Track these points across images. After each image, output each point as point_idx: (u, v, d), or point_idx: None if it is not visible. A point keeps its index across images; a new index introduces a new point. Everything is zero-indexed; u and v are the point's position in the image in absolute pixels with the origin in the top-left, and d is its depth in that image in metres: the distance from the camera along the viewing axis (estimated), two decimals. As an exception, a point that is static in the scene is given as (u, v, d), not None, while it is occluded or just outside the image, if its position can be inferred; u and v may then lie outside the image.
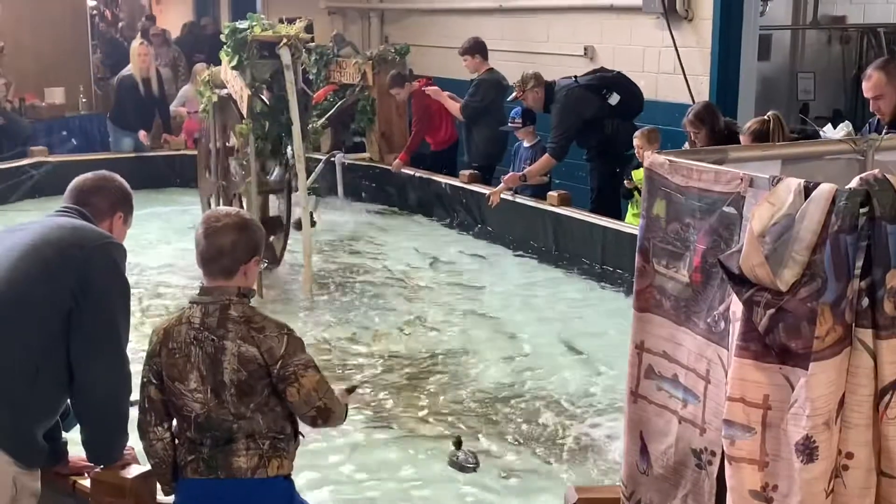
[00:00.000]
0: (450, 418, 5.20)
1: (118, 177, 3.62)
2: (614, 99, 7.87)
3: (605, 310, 6.60)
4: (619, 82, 7.99)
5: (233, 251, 3.04)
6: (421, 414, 5.28)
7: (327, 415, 3.08)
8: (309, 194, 7.21)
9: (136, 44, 11.32)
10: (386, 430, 5.11)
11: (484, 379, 5.67)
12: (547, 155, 7.91)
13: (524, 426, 5.08)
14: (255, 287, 3.27)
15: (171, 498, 3.23)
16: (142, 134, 10.71)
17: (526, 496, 4.38)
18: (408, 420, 5.22)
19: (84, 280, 3.16)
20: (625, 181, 7.32)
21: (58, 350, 3.14)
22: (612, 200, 7.92)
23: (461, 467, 4.56)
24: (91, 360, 3.16)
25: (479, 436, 4.95)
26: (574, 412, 5.20)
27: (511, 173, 8.20)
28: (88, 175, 3.55)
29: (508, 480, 4.54)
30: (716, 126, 6.28)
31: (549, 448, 4.84)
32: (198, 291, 3.12)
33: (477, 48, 9.25)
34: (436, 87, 9.45)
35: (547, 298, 7.08)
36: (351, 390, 3.59)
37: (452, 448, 4.67)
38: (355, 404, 4.41)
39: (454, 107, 9.16)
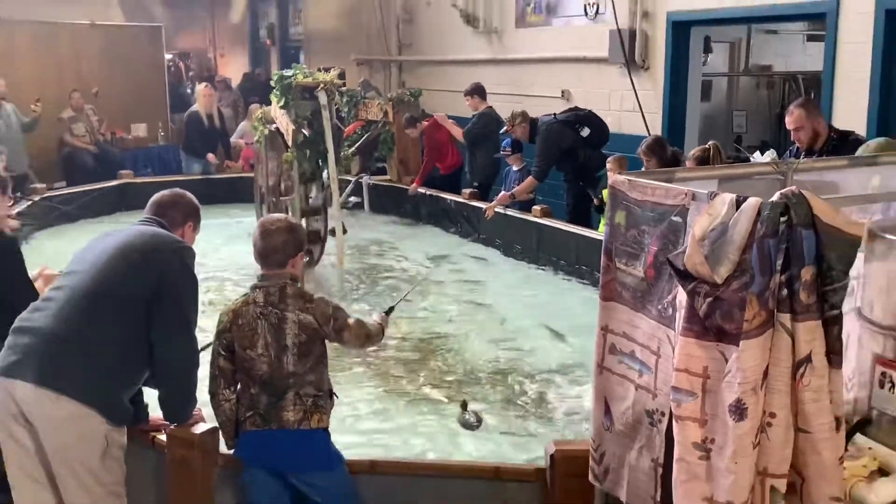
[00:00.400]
0: (453, 386, 5.19)
1: (189, 193, 3.65)
2: (586, 132, 7.87)
3: (579, 299, 6.58)
4: (590, 118, 7.98)
5: (284, 248, 3.20)
6: (429, 382, 5.26)
7: (369, 340, 3.40)
8: (341, 208, 7.24)
9: (201, 87, 11.37)
10: (400, 394, 5.09)
11: (481, 355, 5.66)
12: (531, 177, 7.91)
13: (514, 392, 5.07)
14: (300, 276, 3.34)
15: (231, 451, 3.26)
16: (210, 156, 10.73)
17: (516, 449, 4.36)
18: (419, 386, 5.21)
19: (162, 277, 3.19)
20: (595, 200, 7.35)
21: (141, 332, 3.16)
22: (584, 213, 7.91)
23: (467, 425, 4.53)
24: (167, 340, 3.18)
25: (477, 400, 4.94)
26: (554, 381, 5.19)
27: (502, 192, 8.20)
28: (165, 192, 3.59)
29: (502, 437, 4.53)
30: (664, 156, 6.27)
31: (535, 410, 4.83)
32: (258, 279, 3.22)
33: (477, 90, 9.30)
34: (443, 115, 9.48)
35: (532, 291, 7.07)
36: (389, 311, 3.86)
37: (459, 409, 4.63)
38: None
39: (458, 131, 9.17)
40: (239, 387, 3.19)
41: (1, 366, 3.08)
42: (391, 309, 3.94)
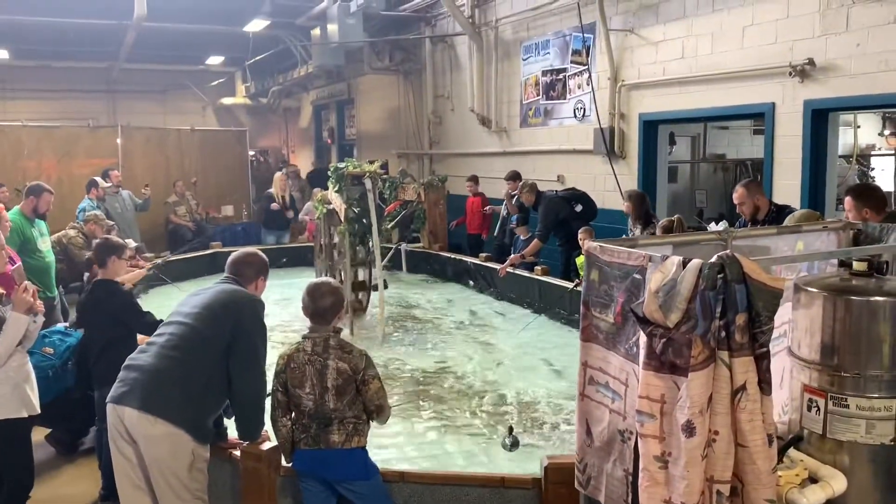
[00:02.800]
0: (469, 412, 5.13)
1: (259, 252, 3.66)
2: (579, 207, 7.95)
3: (570, 341, 6.54)
4: (584, 197, 8.08)
5: (331, 309, 3.18)
6: (448, 409, 5.21)
7: (380, 411, 3.18)
8: (383, 269, 7.30)
9: (278, 174, 11.60)
10: (427, 419, 5.05)
11: (494, 387, 5.61)
12: (536, 240, 7.94)
13: (522, 416, 5.02)
14: (343, 327, 3.32)
15: (289, 464, 3.26)
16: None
17: (519, 462, 4.29)
18: (441, 412, 5.17)
19: (237, 325, 3.23)
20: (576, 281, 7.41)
21: (222, 368, 3.19)
22: (574, 272, 7.89)
23: (505, 447, 4.29)
24: (242, 375, 3.21)
25: (492, 423, 4.89)
26: (554, 406, 5.16)
27: (513, 255, 8.22)
28: (240, 252, 3.62)
29: (510, 452, 4.47)
30: (640, 205, 6.68)
31: (537, 431, 4.77)
32: (308, 330, 3.20)
33: (516, 176, 9.14)
34: (490, 208, 9.66)
35: (535, 335, 7.04)
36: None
37: (506, 431, 4.42)
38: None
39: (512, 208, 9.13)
40: (294, 415, 3.19)
41: (115, 395, 3.15)
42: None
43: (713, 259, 2.05)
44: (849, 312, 2.31)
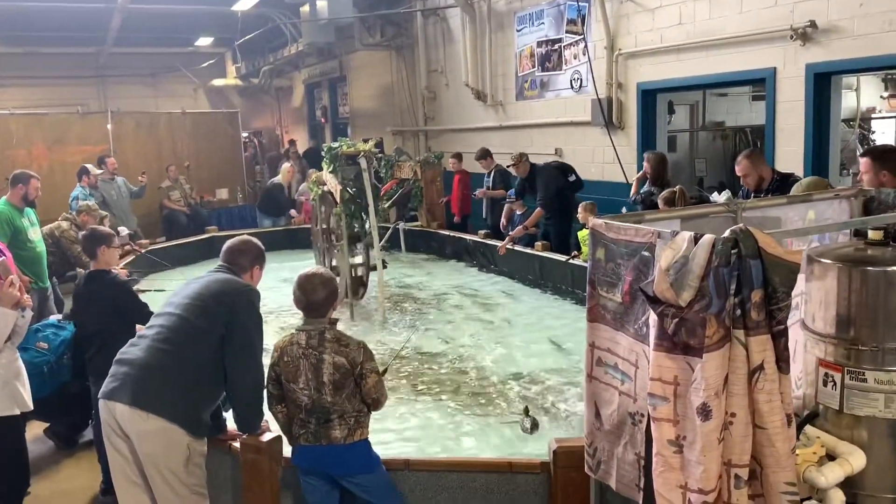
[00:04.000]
0: (467, 392, 5.05)
1: (254, 240, 3.53)
2: (572, 177, 8.00)
3: (575, 318, 6.47)
4: (573, 169, 8.11)
5: (325, 302, 3.07)
6: (452, 390, 5.13)
7: (376, 404, 3.08)
8: (382, 249, 7.21)
9: (287, 165, 11.56)
10: (430, 401, 4.96)
11: (498, 366, 5.53)
12: (539, 208, 7.88)
13: (528, 397, 4.93)
14: (340, 318, 3.23)
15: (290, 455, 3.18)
16: (293, 211, 10.85)
17: (529, 443, 4.24)
18: (439, 393, 5.09)
19: (232, 316, 3.12)
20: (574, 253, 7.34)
21: (217, 361, 3.10)
22: (565, 243, 7.93)
23: (524, 429, 4.30)
24: (238, 367, 3.12)
25: (497, 404, 4.82)
26: (560, 386, 5.07)
27: (518, 227, 8.11)
28: (235, 240, 3.48)
29: (517, 433, 4.40)
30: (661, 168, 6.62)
31: (546, 412, 4.68)
32: (302, 322, 3.09)
33: (488, 153, 9.29)
34: (483, 190, 9.49)
35: (537, 312, 6.96)
36: (382, 373, 3.54)
37: (522, 414, 4.42)
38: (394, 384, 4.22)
39: (499, 193, 9.11)
40: (289, 409, 3.10)
41: (105, 390, 3.07)
42: (384, 370, 3.73)
43: (726, 233, 1.95)
44: (865, 283, 2.23)
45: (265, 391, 3.16)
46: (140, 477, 3.04)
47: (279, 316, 6.97)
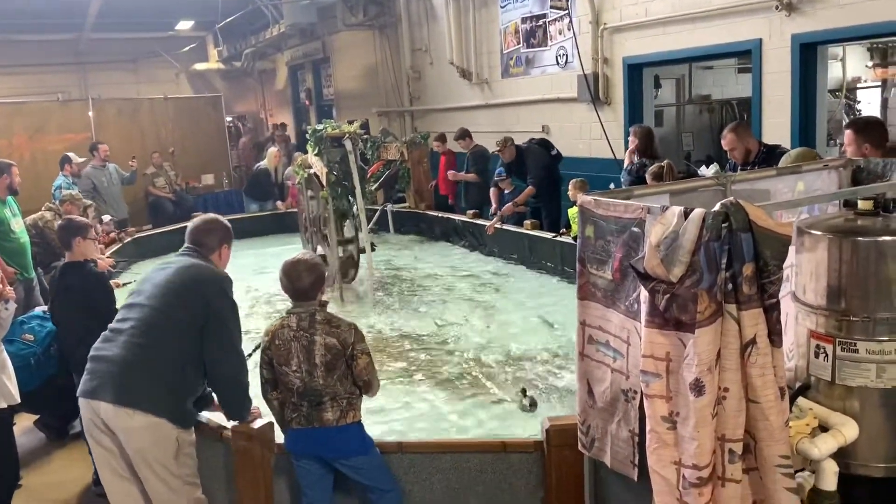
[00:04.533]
0: (459, 373, 5.03)
1: (221, 218, 3.39)
2: (554, 152, 8.02)
3: (565, 296, 6.46)
4: (551, 143, 8.14)
5: (312, 288, 3.03)
6: (444, 372, 5.12)
7: (368, 387, 3.05)
8: (370, 232, 7.16)
9: (274, 149, 11.45)
10: (413, 383, 4.95)
11: (491, 347, 5.52)
12: (530, 186, 7.85)
13: (518, 375, 4.92)
14: (329, 300, 3.19)
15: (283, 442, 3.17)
16: (279, 203, 10.77)
17: (523, 421, 4.23)
18: (429, 375, 5.07)
19: (206, 306, 3.04)
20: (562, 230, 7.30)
21: (195, 351, 3.04)
22: (555, 216, 7.92)
23: (524, 408, 4.29)
24: (218, 358, 3.07)
25: (490, 382, 4.81)
26: (552, 366, 5.05)
27: (507, 205, 8.07)
28: (200, 220, 3.34)
29: (511, 413, 4.39)
30: (647, 140, 6.58)
31: (541, 391, 4.65)
32: (293, 305, 3.06)
33: (467, 134, 9.24)
34: (453, 172, 9.41)
35: (527, 290, 6.95)
36: None
37: (520, 394, 4.40)
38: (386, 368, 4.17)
39: (472, 176, 9.07)
40: (281, 393, 3.08)
41: (86, 388, 3.00)
42: None
43: (716, 207, 1.93)
44: (855, 254, 2.22)
45: (260, 376, 3.12)
46: (128, 470, 3.01)
47: (269, 301, 6.93)
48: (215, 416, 3.34)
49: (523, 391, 4.42)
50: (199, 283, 3.10)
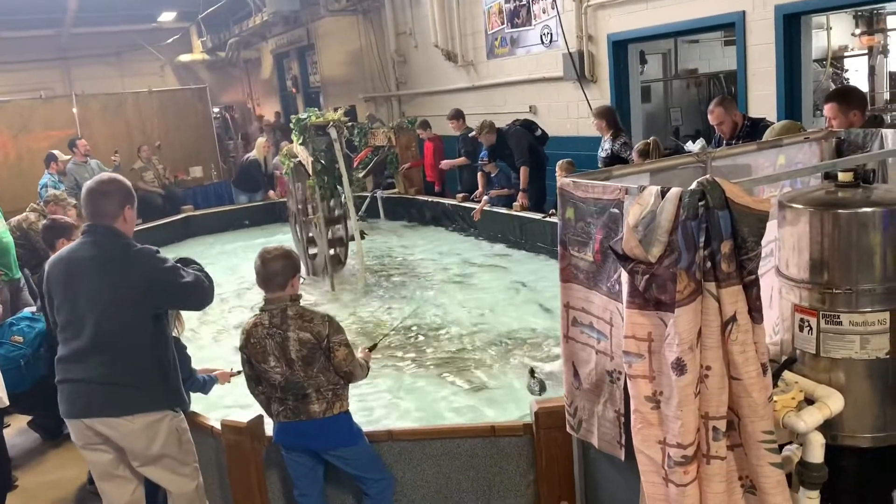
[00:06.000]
0: (450, 357, 5.04)
1: (116, 176, 3.09)
2: (539, 132, 7.99)
3: (557, 277, 6.44)
4: (536, 123, 8.11)
5: (283, 272, 2.96)
6: (428, 355, 5.12)
7: (350, 377, 3.01)
8: (359, 220, 7.14)
9: (262, 139, 11.35)
10: (403, 369, 4.95)
11: (485, 331, 5.52)
12: (524, 167, 7.77)
13: (509, 358, 4.94)
14: (302, 294, 3.12)
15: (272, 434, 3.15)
16: (271, 192, 10.71)
17: (514, 405, 4.24)
18: (419, 359, 5.08)
19: (156, 294, 2.90)
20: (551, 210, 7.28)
21: (160, 332, 2.94)
22: (541, 196, 7.89)
23: (532, 390, 4.25)
24: (190, 304, 3.02)
25: (482, 367, 4.81)
26: (545, 347, 5.04)
27: (492, 191, 8.02)
28: (93, 185, 2.97)
29: (500, 397, 4.41)
30: (612, 119, 6.68)
31: (537, 373, 4.63)
32: (264, 303, 3.02)
33: (460, 115, 9.18)
34: (446, 162, 9.34)
35: (519, 273, 6.95)
36: (372, 348, 3.53)
37: (528, 375, 4.39)
38: (377, 355, 4.12)
39: (463, 161, 9.03)
40: (265, 388, 3.05)
41: (73, 409, 2.93)
42: (374, 346, 3.69)
43: (692, 186, 1.91)
44: (837, 226, 2.21)
45: (244, 374, 3.09)
46: (125, 469, 2.99)
47: (257, 292, 6.90)
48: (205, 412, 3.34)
49: (532, 372, 4.42)
50: (135, 275, 2.87)
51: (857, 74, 9.61)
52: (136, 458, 2.96)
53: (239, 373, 3.62)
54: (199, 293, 2.99)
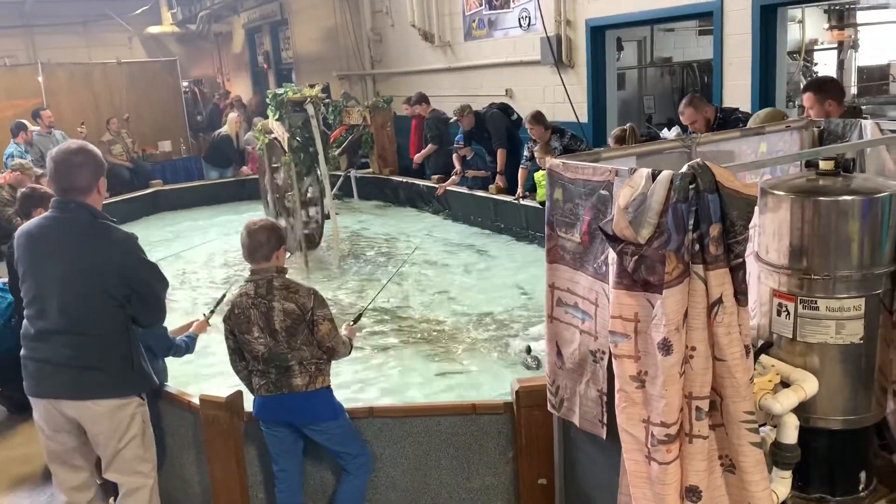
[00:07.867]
0: (430, 338, 5.05)
1: (87, 145, 2.92)
2: (515, 116, 8.00)
3: (533, 259, 6.48)
4: (511, 108, 8.14)
5: (268, 242, 2.95)
6: (408, 336, 5.13)
7: (332, 352, 3.01)
8: (334, 199, 7.08)
9: (234, 115, 11.16)
10: (384, 349, 4.97)
11: (456, 309, 5.56)
12: (501, 150, 7.78)
13: (486, 340, 4.96)
14: (286, 266, 3.11)
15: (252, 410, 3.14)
16: (243, 168, 10.55)
17: (493, 385, 4.27)
18: (399, 340, 5.09)
19: (128, 279, 2.83)
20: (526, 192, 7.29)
21: (126, 318, 2.88)
22: (514, 178, 7.79)
23: (528, 366, 4.30)
24: (149, 319, 2.98)
25: (456, 346, 4.83)
26: (525, 328, 5.08)
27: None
28: (61, 155, 2.79)
29: (480, 376, 4.44)
30: (546, 124, 6.71)
31: (508, 353, 4.71)
32: (250, 273, 3.01)
33: (424, 98, 9.14)
34: (418, 155, 9.20)
35: (494, 254, 6.98)
36: (357, 319, 3.55)
37: (524, 352, 4.41)
38: (360, 332, 4.12)
39: (431, 149, 8.98)
40: (248, 362, 3.03)
41: (39, 388, 2.87)
42: (359, 316, 3.70)
43: (684, 168, 1.94)
44: (817, 214, 2.26)
45: (227, 348, 3.06)
46: (82, 459, 2.97)
47: (232, 267, 6.84)
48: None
49: (528, 349, 4.44)
50: (109, 256, 2.79)
51: (825, 68, 9.77)
52: (98, 445, 2.90)
53: (213, 313, 3.70)
54: (160, 309, 2.95)
